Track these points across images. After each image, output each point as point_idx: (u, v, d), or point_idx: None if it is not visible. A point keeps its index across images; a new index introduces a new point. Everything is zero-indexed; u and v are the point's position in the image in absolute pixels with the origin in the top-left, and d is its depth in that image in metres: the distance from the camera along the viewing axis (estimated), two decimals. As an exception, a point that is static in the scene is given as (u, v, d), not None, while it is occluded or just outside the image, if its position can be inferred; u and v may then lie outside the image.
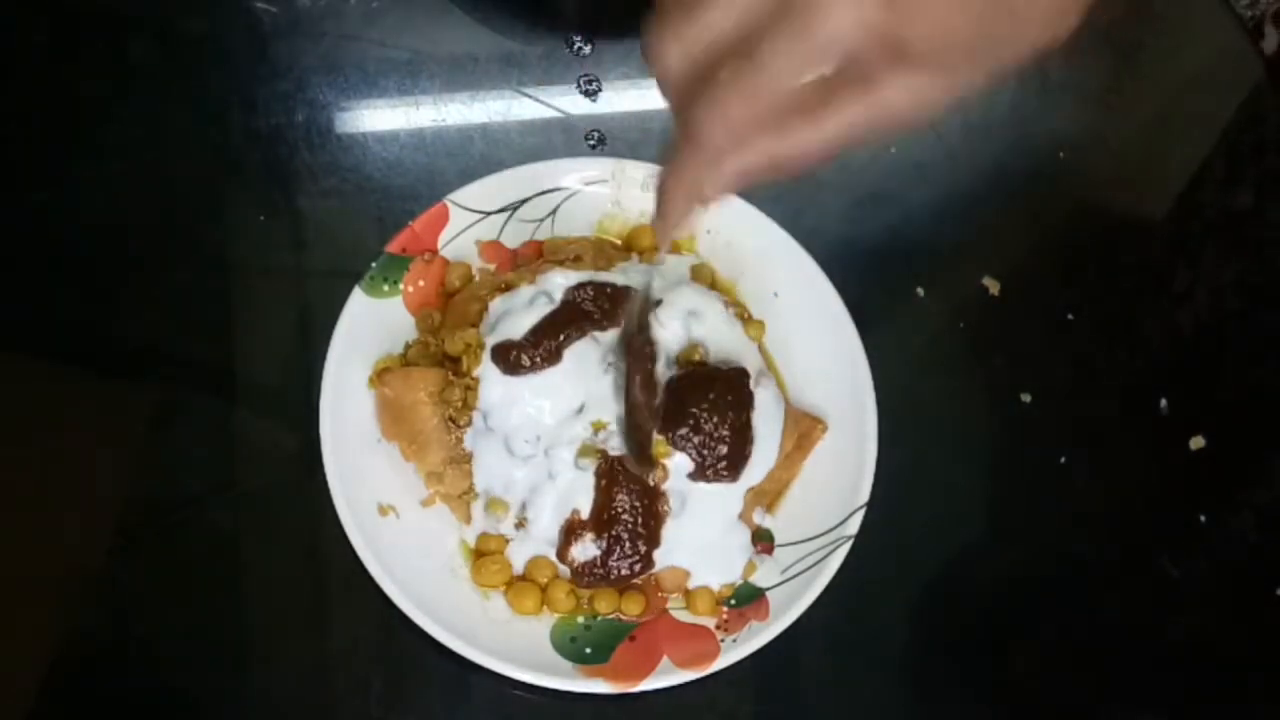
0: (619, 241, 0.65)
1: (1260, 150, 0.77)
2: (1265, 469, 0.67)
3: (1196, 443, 0.65)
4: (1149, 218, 0.75)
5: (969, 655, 0.60)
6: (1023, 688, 0.60)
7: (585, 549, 0.55)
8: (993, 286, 0.68)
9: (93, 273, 0.62)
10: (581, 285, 0.58)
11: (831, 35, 0.34)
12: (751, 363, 0.59)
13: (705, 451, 0.55)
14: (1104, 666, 0.60)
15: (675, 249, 0.65)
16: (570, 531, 0.55)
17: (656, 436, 0.55)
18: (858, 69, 0.35)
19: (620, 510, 0.55)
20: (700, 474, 0.56)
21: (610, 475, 0.55)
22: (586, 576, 0.56)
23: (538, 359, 0.56)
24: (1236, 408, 0.68)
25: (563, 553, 0.56)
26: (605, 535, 0.55)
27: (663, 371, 0.57)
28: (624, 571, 0.55)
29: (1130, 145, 0.76)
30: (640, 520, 0.55)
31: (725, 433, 0.55)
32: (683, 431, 0.55)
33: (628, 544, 0.55)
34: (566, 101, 0.70)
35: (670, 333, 0.58)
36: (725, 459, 0.56)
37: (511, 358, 0.56)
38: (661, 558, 0.56)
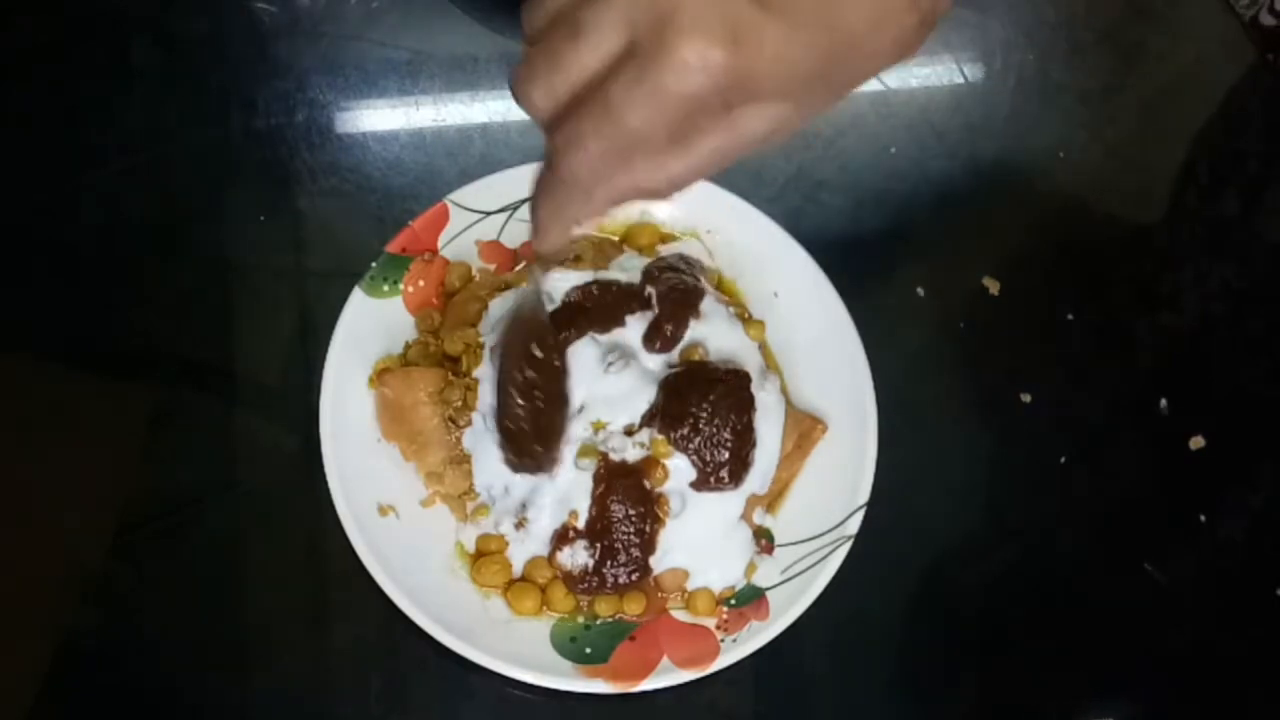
0: (616, 238, 0.65)
1: (1245, 156, 0.77)
2: (1265, 469, 0.67)
3: (1196, 443, 0.65)
4: (1149, 217, 0.75)
5: (969, 655, 0.60)
6: (1021, 688, 0.60)
7: (574, 555, 0.55)
8: (993, 286, 0.68)
9: (93, 273, 0.62)
10: (584, 285, 0.58)
11: (678, 81, 0.34)
12: (753, 363, 0.59)
13: (707, 458, 0.55)
14: (1103, 666, 0.60)
15: (635, 245, 0.65)
16: (561, 537, 0.55)
17: (657, 436, 0.55)
18: (716, 100, 0.36)
19: (615, 518, 0.55)
20: (703, 483, 0.56)
21: (607, 482, 0.55)
22: (581, 584, 0.55)
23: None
24: (1236, 408, 0.68)
25: (551, 557, 0.56)
26: (599, 544, 0.55)
27: (658, 370, 0.57)
28: (621, 580, 0.55)
29: (1130, 145, 0.76)
30: (635, 528, 0.55)
31: (727, 436, 0.55)
32: (683, 432, 0.55)
33: (622, 554, 0.55)
34: (566, 101, 0.70)
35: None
36: (727, 466, 0.56)
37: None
38: (661, 560, 0.56)
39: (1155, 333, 0.70)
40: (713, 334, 0.59)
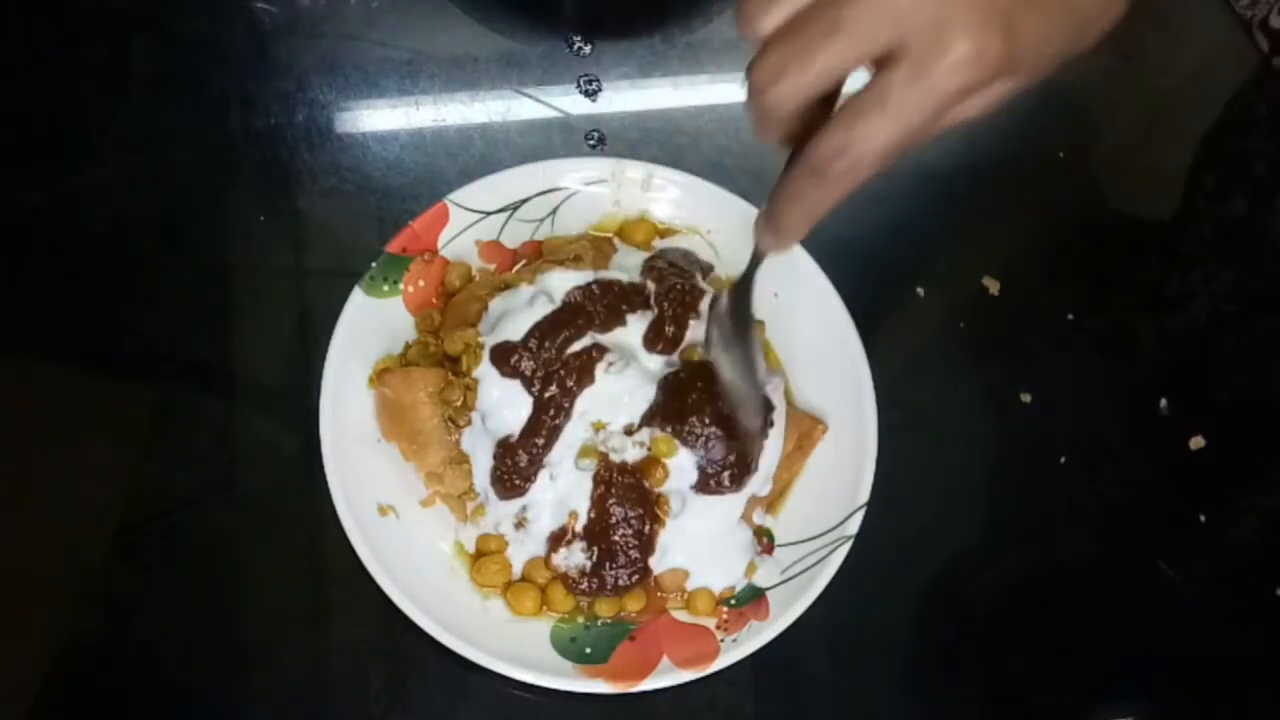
0: (612, 236, 0.65)
1: (1249, 155, 0.77)
2: (1265, 469, 0.67)
3: (1196, 443, 0.65)
4: (1149, 217, 0.75)
5: (969, 655, 0.60)
6: (1022, 688, 0.60)
7: (570, 556, 0.55)
8: (993, 286, 0.68)
9: (93, 273, 0.62)
10: (584, 285, 0.58)
11: (958, 76, 0.36)
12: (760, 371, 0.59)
13: (709, 462, 0.55)
14: (1103, 666, 0.60)
15: (631, 242, 0.65)
16: (558, 539, 0.55)
17: (657, 435, 0.55)
18: (980, 88, 0.38)
19: (614, 520, 0.55)
20: (704, 486, 0.56)
21: (607, 483, 0.55)
22: (579, 585, 0.55)
23: (538, 366, 0.56)
24: (1236, 408, 0.68)
25: (548, 558, 0.56)
26: (598, 547, 0.55)
27: (658, 370, 0.57)
28: (622, 582, 0.55)
29: (1130, 145, 0.76)
30: (634, 530, 0.55)
31: (732, 443, 0.55)
32: (688, 428, 0.55)
33: (621, 555, 0.55)
34: (566, 101, 0.70)
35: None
36: (729, 470, 0.56)
37: (511, 362, 0.56)
38: (661, 560, 0.56)
39: (1156, 333, 0.70)
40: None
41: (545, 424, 0.55)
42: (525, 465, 0.55)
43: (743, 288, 0.51)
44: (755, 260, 0.49)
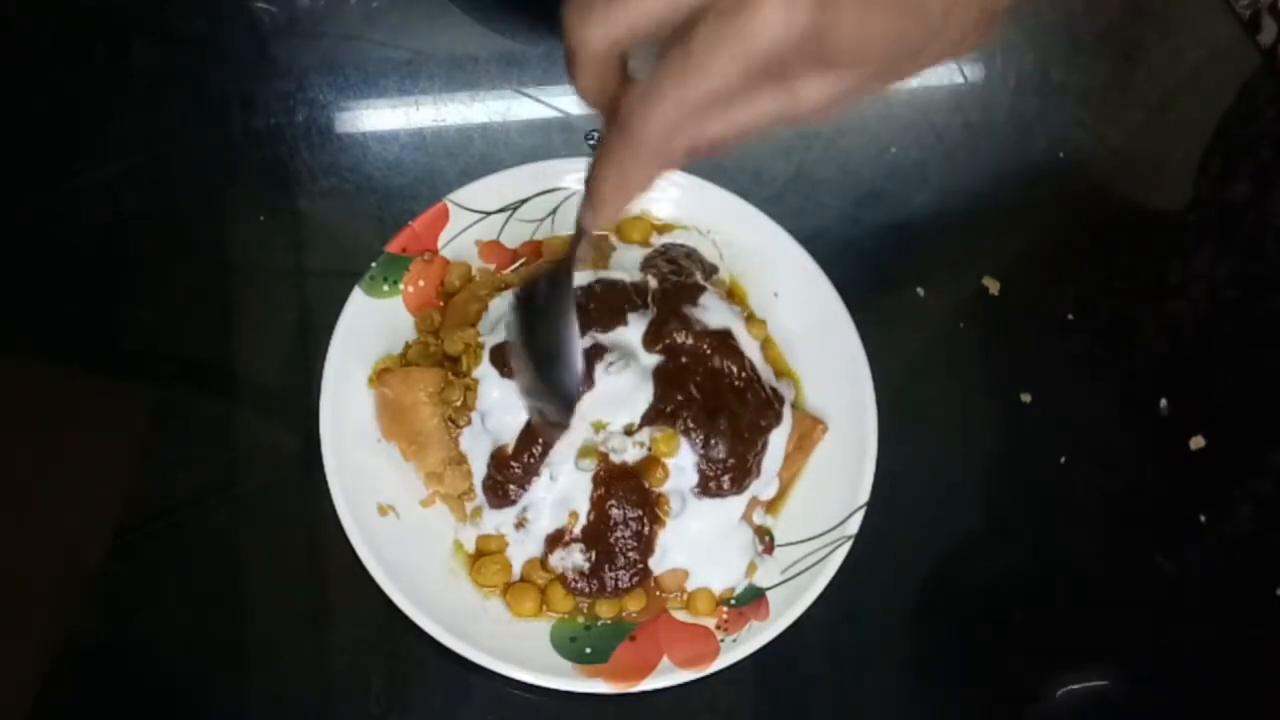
0: (608, 233, 0.65)
1: (1257, 143, 0.77)
2: (1265, 469, 0.67)
3: (1196, 442, 0.65)
4: (1149, 217, 0.75)
5: (969, 655, 0.60)
6: (1022, 687, 0.60)
7: (566, 557, 0.55)
8: (993, 286, 0.68)
9: (93, 273, 0.62)
10: (585, 285, 0.58)
11: (764, 34, 0.35)
12: (764, 371, 0.59)
13: (709, 463, 0.55)
14: (1103, 666, 0.60)
15: (628, 240, 0.64)
16: (555, 540, 0.55)
17: (657, 435, 0.55)
18: (791, 58, 0.36)
19: (614, 522, 0.55)
20: (704, 489, 0.56)
21: (606, 484, 0.55)
22: (578, 586, 0.55)
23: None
24: (1236, 407, 0.68)
25: (545, 559, 0.56)
26: (596, 548, 0.55)
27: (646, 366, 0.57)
28: (622, 585, 0.55)
29: (1130, 145, 0.76)
30: (634, 531, 0.55)
31: (738, 449, 0.55)
32: (685, 424, 0.55)
33: (620, 557, 0.55)
34: (566, 101, 0.70)
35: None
36: (730, 474, 0.56)
37: (512, 362, 0.55)
38: (661, 560, 0.56)
39: (1156, 333, 0.70)
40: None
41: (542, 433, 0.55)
42: (520, 475, 0.55)
43: (562, 271, 0.49)
44: (575, 239, 0.48)
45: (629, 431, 0.56)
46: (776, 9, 0.35)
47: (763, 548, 0.58)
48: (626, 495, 0.55)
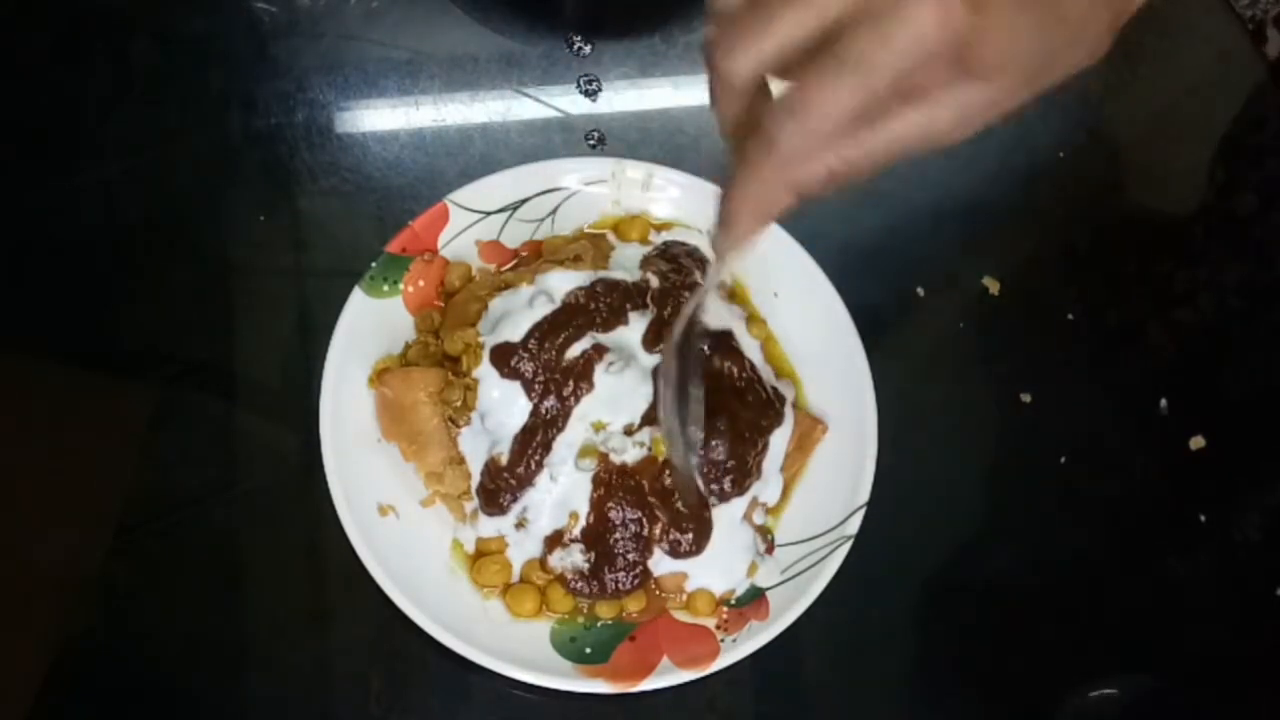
0: (606, 232, 0.65)
1: (1261, 153, 0.77)
2: (1265, 469, 0.67)
3: (1196, 443, 0.65)
4: (1149, 218, 0.75)
5: (969, 655, 0.60)
6: (1022, 688, 0.60)
7: (565, 558, 0.55)
8: (993, 286, 0.68)
9: (93, 273, 0.62)
10: (588, 286, 0.58)
11: (920, 34, 0.34)
12: (765, 371, 0.59)
13: (709, 465, 0.55)
14: (1104, 667, 0.60)
15: (627, 238, 0.64)
16: (554, 541, 0.55)
17: (657, 435, 0.55)
18: (941, 63, 0.36)
19: (613, 523, 0.55)
20: (705, 491, 0.56)
21: (606, 486, 0.55)
22: (578, 585, 0.55)
23: (538, 369, 0.56)
24: (1236, 408, 0.68)
25: (543, 560, 0.56)
26: (596, 550, 0.55)
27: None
28: (623, 586, 0.55)
29: (1130, 146, 0.76)
30: (633, 533, 0.55)
31: (738, 449, 0.55)
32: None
33: (620, 559, 0.55)
34: (566, 101, 0.70)
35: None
36: (730, 476, 0.56)
37: (511, 363, 0.55)
38: (661, 562, 0.56)
39: (1155, 333, 0.70)
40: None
41: (539, 441, 0.55)
42: (514, 484, 0.55)
43: (688, 330, 0.48)
44: (712, 271, 0.46)
45: (629, 431, 0.56)
46: (933, 8, 0.34)
47: (764, 547, 0.58)
48: (626, 497, 0.55)
